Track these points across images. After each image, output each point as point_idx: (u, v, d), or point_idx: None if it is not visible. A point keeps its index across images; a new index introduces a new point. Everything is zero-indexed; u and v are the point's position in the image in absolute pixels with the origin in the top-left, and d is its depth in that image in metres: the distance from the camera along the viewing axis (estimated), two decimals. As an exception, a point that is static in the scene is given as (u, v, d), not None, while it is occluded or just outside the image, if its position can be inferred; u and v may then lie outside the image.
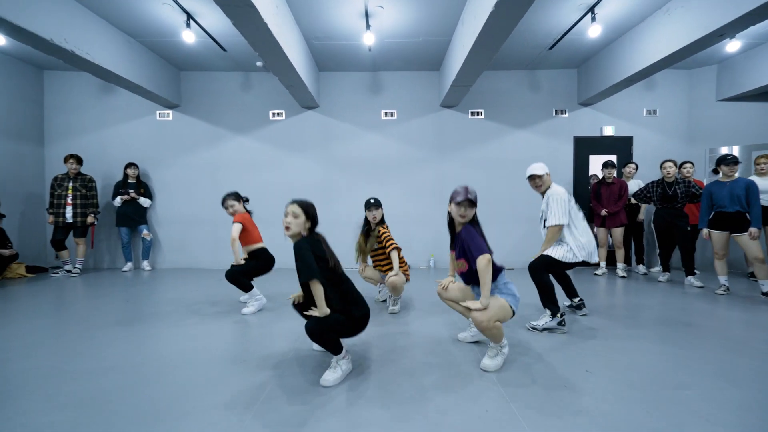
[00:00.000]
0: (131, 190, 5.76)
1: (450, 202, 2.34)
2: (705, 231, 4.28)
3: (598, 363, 2.33)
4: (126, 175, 5.82)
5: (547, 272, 3.12)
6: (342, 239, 5.84)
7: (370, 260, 3.83)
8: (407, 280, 3.55)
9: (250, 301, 3.51)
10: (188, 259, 6.14)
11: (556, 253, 3.09)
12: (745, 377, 2.14)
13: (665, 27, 4.23)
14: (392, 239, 3.49)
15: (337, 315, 2.06)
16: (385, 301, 3.89)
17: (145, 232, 5.85)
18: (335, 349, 2.09)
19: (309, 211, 2.17)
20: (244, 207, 3.71)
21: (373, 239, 3.54)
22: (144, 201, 5.87)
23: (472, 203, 2.26)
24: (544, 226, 3.17)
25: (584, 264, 3.17)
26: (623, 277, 5.19)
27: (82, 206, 5.41)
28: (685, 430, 1.65)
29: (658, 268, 5.66)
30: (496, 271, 2.25)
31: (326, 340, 2.03)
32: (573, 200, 3.14)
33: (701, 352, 2.50)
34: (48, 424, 1.69)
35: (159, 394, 1.96)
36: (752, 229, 3.90)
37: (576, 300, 3.42)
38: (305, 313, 2.19)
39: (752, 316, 3.33)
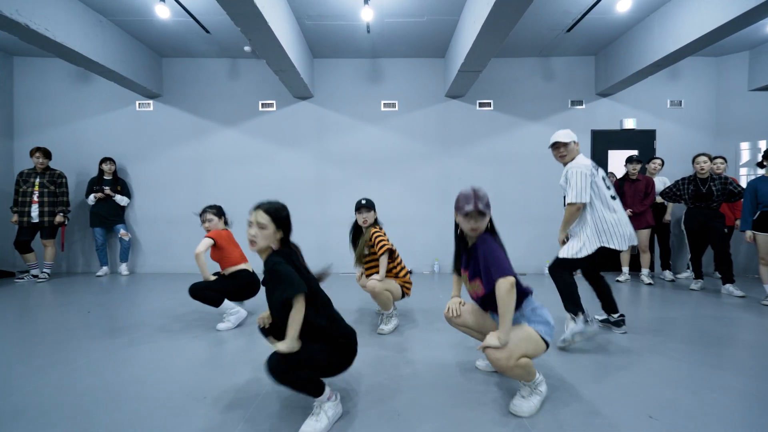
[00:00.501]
0: (106, 188, 5.25)
1: (456, 211, 1.83)
2: (749, 233, 3.76)
3: (653, 401, 1.82)
4: (101, 171, 5.31)
5: (567, 270, 2.65)
6: (337, 240, 5.35)
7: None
8: (406, 294, 3.01)
9: (225, 315, 2.99)
10: (170, 263, 5.62)
11: (567, 251, 2.67)
12: None
13: (700, 3, 3.72)
14: (384, 239, 2.91)
15: (318, 345, 1.55)
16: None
17: (122, 231, 5.34)
18: (314, 390, 1.56)
19: (279, 217, 1.64)
20: (225, 224, 3.23)
21: (363, 244, 2.99)
22: (121, 199, 5.36)
23: (482, 213, 1.74)
24: (564, 204, 2.71)
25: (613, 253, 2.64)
26: (649, 284, 4.67)
27: (50, 204, 4.90)
28: None
29: (685, 274, 5.14)
30: (521, 295, 1.73)
31: (297, 381, 1.51)
32: (601, 174, 2.66)
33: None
34: None
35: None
36: (807, 232, 3.39)
37: (615, 316, 2.89)
38: (269, 343, 1.66)
39: (819, 335, 2.81)
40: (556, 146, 2.75)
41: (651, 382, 2.03)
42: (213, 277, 2.98)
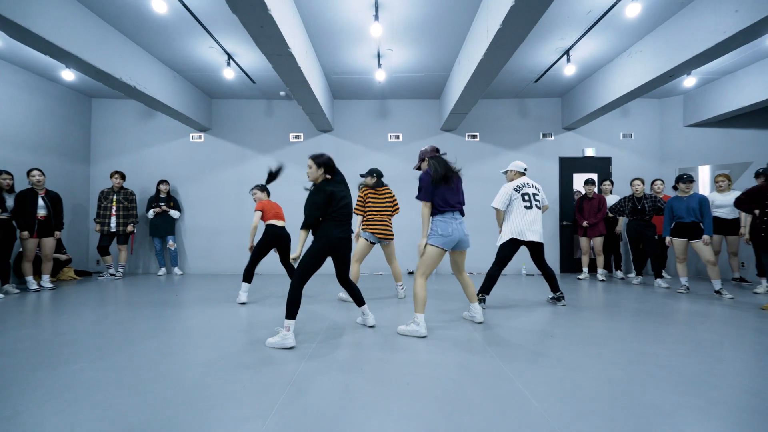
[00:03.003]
0: (162, 204, 6.50)
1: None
2: (668, 239, 4.99)
3: (567, 331, 3.02)
4: (158, 190, 6.57)
5: (497, 265, 3.94)
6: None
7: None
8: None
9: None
10: (214, 265, 6.83)
11: (498, 240, 4.05)
12: (675, 341, 2.83)
13: (628, 67, 5.05)
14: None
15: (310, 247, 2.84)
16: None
17: (170, 242, 6.55)
18: (290, 310, 2.68)
19: (318, 162, 2.93)
20: (267, 195, 4.70)
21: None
22: (174, 213, 6.60)
23: (421, 159, 3.33)
24: None
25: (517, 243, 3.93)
26: (602, 280, 5.87)
27: (124, 216, 6.14)
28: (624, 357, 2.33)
29: (632, 274, 6.34)
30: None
31: (291, 294, 2.70)
32: (520, 193, 3.93)
33: (642, 326, 3.18)
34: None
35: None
36: (705, 237, 4.60)
37: (557, 293, 4.12)
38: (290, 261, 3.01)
39: (701, 308, 4.02)
40: (506, 173, 4.20)
41: (578, 336, 3.24)
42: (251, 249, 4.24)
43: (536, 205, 3.92)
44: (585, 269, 6.14)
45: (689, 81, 5.67)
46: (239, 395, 1.95)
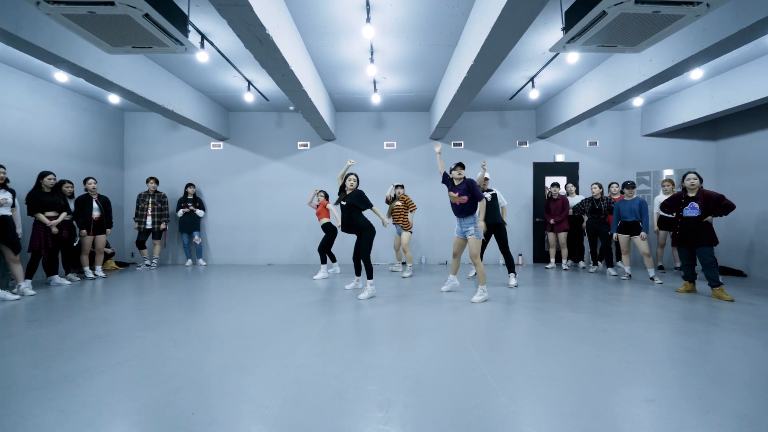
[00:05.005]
0: (190, 204, 7.52)
1: (450, 170, 4.56)
2: (615, 235, 6.02)
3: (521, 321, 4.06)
4: (186, 193, 7.58)
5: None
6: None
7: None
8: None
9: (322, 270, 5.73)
10: (233, 256, 7.88)
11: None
12: (614, 319, 3.87)
13: (584, 91, 6.02)
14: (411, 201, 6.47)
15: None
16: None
17: (196, 237, 7.59)
18: (370, 272, 4.17)
19: (359, 180, 4.87)
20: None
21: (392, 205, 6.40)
22: (199, 212, 7.62)
23: (462, 166, 4.50)
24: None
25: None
26: (566, 269, 6.92)
27: (158, 216, 7.17)
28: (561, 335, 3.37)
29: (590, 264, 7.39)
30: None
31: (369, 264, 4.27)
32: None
33: (593, 305, 4.22)
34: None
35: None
36: (642, 233, 5.62)
37: (514, 274, 5.29)
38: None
39: (638, 291, 5.07)
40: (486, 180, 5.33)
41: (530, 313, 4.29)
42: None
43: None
44: (552, 260, 7.18)
45: (637, 101, 6.65)
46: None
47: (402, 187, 6.42)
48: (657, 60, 4.31)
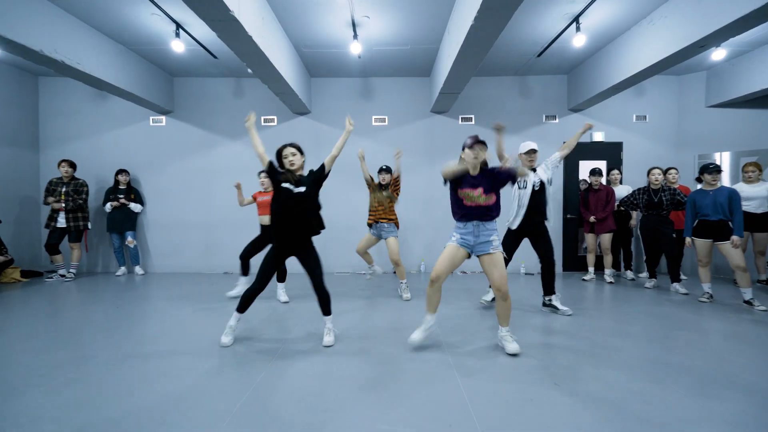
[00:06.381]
0: (121, 196, 5.83)
1: (464, 148, 2.75)
2: (688, 239, 4.32)
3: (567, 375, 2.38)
4: (117, 182, 5.89)
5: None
6: (334, 243, 5.92)
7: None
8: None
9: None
10: (181, 263, 6.20)
11: None
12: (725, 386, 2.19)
13: (649, 36, 4.27)
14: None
15: None
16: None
17: (129, 239, 5.91)
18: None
19: (301, 148, 3.13)
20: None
21: (381, 195, 4.50)
22: (135, 206, 5.94)
23: (483, 143, 2.73)
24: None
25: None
26: (611, 282, 5.23)
27: (75, 210, 5.47)
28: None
29: (644, 274, 5.69)
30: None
31: None
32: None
33: (678, 358, 2.54)
34: None
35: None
36: (734, 238, 3.93)
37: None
38: None
39: (732, 326, 3.37)
40: (534, 152, 3.84)
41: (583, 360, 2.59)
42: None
43: None
44: (591, 269, 5.48)
45: (718, 54, 4.87)
46: None
47: (388, 171, 4.56)
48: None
